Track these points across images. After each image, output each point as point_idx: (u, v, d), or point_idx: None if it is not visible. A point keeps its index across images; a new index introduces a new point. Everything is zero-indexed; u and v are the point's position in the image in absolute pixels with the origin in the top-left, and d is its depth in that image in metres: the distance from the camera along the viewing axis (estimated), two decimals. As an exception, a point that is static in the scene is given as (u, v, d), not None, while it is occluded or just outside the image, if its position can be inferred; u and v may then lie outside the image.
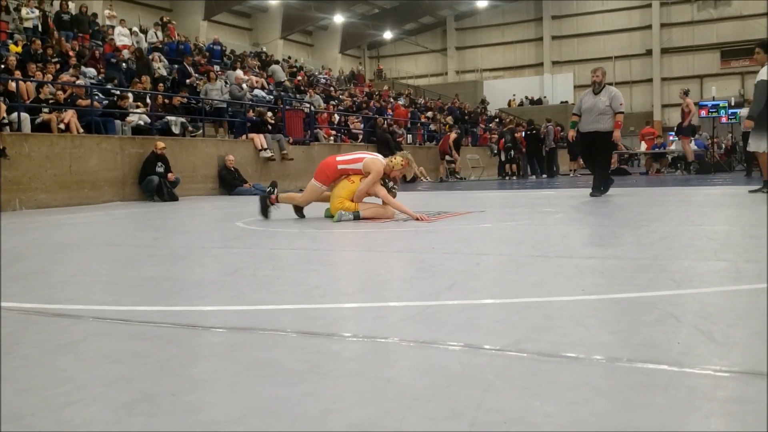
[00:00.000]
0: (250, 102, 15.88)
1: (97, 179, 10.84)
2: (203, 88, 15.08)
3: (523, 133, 19.82)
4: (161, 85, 14.72)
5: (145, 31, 19.77)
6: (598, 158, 9.10)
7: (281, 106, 16.64)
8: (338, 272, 3.53)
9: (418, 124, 23.46)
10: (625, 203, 7.70)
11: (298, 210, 6.65)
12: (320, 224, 5.88)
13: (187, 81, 15.76)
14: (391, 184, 6.44)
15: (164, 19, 21.83)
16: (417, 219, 5.98)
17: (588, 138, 8.99)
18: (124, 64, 15.67)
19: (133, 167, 11.48)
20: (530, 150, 19.56)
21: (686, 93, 17.29)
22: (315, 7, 33.64)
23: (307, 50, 38.37)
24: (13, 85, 10.72)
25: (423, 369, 1.74)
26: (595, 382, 1.59)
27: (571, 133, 9.84)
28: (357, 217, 6.14)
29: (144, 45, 18.60)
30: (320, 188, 6.44)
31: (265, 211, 6.52)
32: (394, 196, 6.46)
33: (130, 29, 18.54)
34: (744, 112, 15.67)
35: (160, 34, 19.95)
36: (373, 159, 6.38)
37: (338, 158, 6.50)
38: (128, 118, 12.31)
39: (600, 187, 8.94)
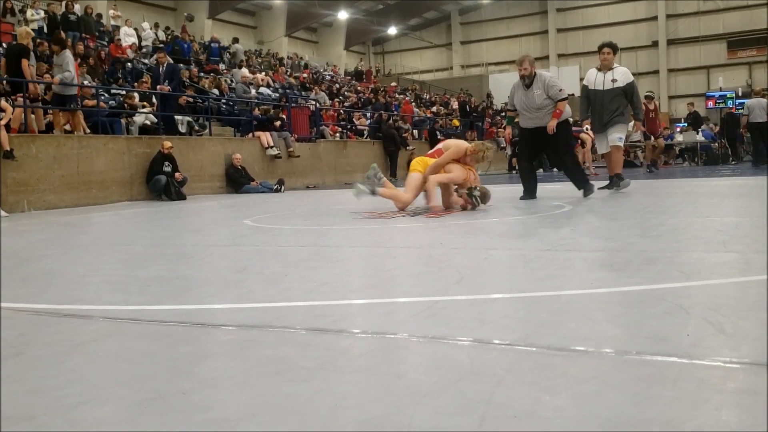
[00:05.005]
0: (257, 100, 15.89)
1: (104, 179, 10.87)
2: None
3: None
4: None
5: (153, 28, 19.88)
6: (563, 157, 8.00)
7: (286, 103, 16.64)
8: (346, 269, 3.54)
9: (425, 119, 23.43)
10: (633, 195, 7.66)
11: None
12: (327, 221, 5.89)
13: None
14: (477, 193, 6.13)
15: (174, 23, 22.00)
16: (433, 209, 6.26)
17: (534, 133, 7.70)
18: (129, 64, 15.70)
19: (141, 167, 11.50)
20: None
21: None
22: (319, 4, 33.62)
23: (311, 47, 38.36)
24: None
25: (432, 364, 1.75)
26: (605, 376, 1.59)
27: (508, 131, 8.91)
28: (374, 193, 6.23)
29: (149, 43, 18.68)
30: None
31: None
32: (477, 205, 6.21)
33: (136, 29, 18.59)
34: (751, 102, 15.57)
35: (161, 33, 20.02)
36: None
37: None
38: (135, 117, 12.35)
39: (586, 182, 7.77)
